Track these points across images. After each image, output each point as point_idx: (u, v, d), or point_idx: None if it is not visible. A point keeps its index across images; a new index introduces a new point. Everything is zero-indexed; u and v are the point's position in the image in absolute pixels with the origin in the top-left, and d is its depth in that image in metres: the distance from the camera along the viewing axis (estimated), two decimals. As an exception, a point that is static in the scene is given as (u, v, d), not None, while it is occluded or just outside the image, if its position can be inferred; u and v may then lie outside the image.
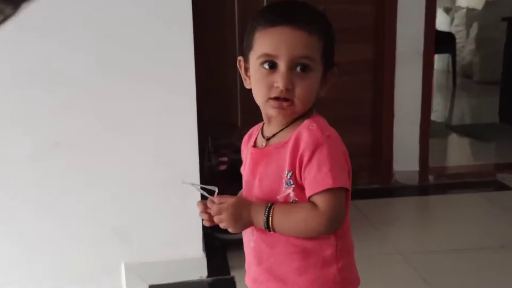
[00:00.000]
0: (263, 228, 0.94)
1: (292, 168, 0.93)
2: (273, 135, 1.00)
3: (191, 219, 2.03)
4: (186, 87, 1.97)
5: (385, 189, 3.12)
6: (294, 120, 0.97)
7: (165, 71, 1.96)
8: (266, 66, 0.93)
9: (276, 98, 0.94)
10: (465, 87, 6.79)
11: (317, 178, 0.90)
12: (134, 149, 1.99)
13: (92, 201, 2.00)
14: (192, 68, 1.96)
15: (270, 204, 0.94)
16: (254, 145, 1.04)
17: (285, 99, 0.93)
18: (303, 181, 0.93)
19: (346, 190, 0.93)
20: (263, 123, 1.04)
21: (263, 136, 1.02)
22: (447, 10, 8.17)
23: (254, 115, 1.02)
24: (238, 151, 2.36)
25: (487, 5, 7.01)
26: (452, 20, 7.81)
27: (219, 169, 2.20)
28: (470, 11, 7.43)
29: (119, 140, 1.98)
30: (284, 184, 0.94)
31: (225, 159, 2.19)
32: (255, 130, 1.07)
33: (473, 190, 3.09)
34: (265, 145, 1.00)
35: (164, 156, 2.00)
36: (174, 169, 2.00)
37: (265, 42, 0.93)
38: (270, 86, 0.93)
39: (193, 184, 1.00)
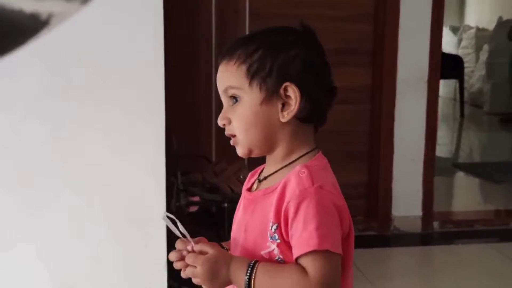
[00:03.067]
0: (247, 286, 0.94)
1: (277, 220, 0.94)
2: (265, 178, 1.03)
3: (155, 271, 2.01)
4: (153, 112, 1.98)
5: (383, 237, 3.14)
6: (291, 161, 1.00)
7: (128, 93, 1.97)
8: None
9: (229, 136, 1.03)
10: (473, 119, 6.94)
11: (302, 237, 0.91)
12: (87, 185, 1.98)
13: (32, 248, 1.97)
14: (162, 90, 1.97)
15: (253, 262, 0.94)
16: (250, 188, 1.06)
17: (232, 136, 1.02)
18: (289, 238, 0.93)
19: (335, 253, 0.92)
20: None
21: (259, 178, 1.05)
22: (455, 30, 8.39)
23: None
24: (211, 189, 2.35)
25: (499, 25, 7.22)
26: (459, 41, 8.01)
27: (188, 210, 2.19)
28: (480, 31, 7.64)
29: (69, 174, 1.96)
30: (269, 238, 0.95)
31: (196, 199, 2.19)
32: (259, 169, 1.09)
33: (483, 240, 3.13)
34: (256, 189, 1.03)
35: (123, 194, 2.00)
36: (135, 210, 1.99)
37: None
38: None
39: (174, 220, 0.99)
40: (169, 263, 2.05)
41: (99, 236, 2.00)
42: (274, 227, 0.94)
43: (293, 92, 0.98)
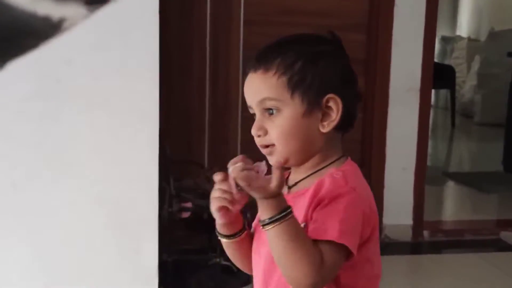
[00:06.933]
0: (262, 221, 0.93)
1: (306, 219, 0.97)
2: (295, 184, 1.05)
3: (146, 277, 2.01)
4: (146, 117, 1.99)
5: (373, 246, 3.15)
6: (320, 167, 1.02)
7: (121, 98, 1.97)
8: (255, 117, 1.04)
9: (263, 146, 1.03)
10: (464, 128, 6.99)
11: (325, 224, 0.93)
12: (79, 190, 1.98)
13: (24, 254, 1.97)
14: (156, 95, 1.98)
15: (290, 210, 0.92)
16: None
17: (266, 146, 1.02)
18: (309, 220, 0.96)
19: (348, 252, 0.94)
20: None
21: (287, 184, 1.05)
22: (446, 40, 8.46)
23: (223, 153, 1.06)
24: (204, 195, 2.36)
25: (491, 36, 7.29)
26: (451, 51, 8.08)
27: (181, 216, 2.20)
28: (472, 42, 7.71)
29: (61, 181, 1.96)
30: None
31: (188, 205, 2.20)
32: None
33: (472, 250, 3.14)
34: (287, 193, 1.03)
35: (116, 199, 2.00)
36: (127, 215, 1.99)
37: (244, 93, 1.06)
38: None
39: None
40: (160, 269, 2.06)
41: (90, 241, 2.00)
42: (303, 225, 0.96)
43: (335, 104, 1.00)
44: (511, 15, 7.53)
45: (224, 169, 1.00)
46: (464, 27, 9.01)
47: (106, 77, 1.95)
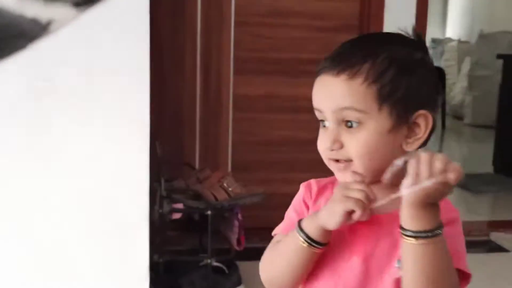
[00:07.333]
0: (421, 232, 0.80)
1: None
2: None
3: (137, 278, 2.01)
4: (137, 118, 1.98)
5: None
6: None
7: (113, 98, 1.96)
8: (321, 122, 0.92)
9: (333, 160, 0.92)
10: (455, 130, 7.02)
11: (458, 252, 0.88)
12: (70, 190, 1.97)
13: (15, 254, 1.96)
14: (147, 96, 1.97)
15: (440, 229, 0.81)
16: None
17: (342, 161, 0.90)
18: None
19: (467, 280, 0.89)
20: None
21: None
22: (437, 42, 8.50)
23: (214, 155, 1.03)
24: (195, 197, 2.35)
25: (480, 38, 7.33)
26: (441, 53, 8.12)
27: (172, 217, 2.20)
28: (462, 44, 7.76)
29: (51, 178, 1.96)
30: (397, 264, 0.88)
31: (179, 206, 2.20)
32: (329, 186, 0.99)
33: (463, 251, 3.16)
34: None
35: (106, 200, 1.99)
36: (118, 216, 1.99)
37: (313, 94, 0.93)
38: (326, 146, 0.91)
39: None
40: (151, 270, 2.06)
41: (81, 241, 1.99)
42: None
43: (425, 121, 0.90)
44: (501, 17, 7.59)
45: (214, 170, 0.99)
46: (454, 29, 9.06)
47: (97, 77, 1.94)
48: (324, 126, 0.91)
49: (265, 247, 1.02)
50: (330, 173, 0.96)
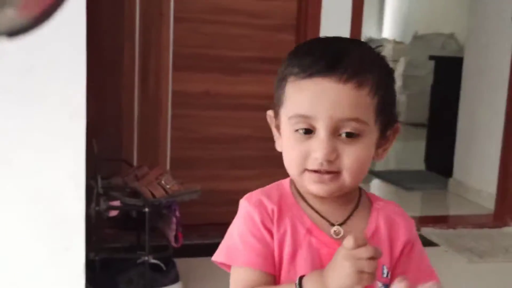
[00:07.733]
0: None
1: (391, 263, 0.88)
2: (345, 221, 0.89)
3: (73, 275, 1.98)
4: (74, 114, 1.96)
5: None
6: (356, 196, 0.91)
7: (48, 94, 1.93)
8: (301, 131, 0.83)
9: (315, 171, 0.83)
10: (390, 128, 7.22)
11: (430, 267, 0.91)
12: (5, 186, 1.93)
13: None
14: (83, 92, 1.95)
15: None
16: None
17: (328, 172, 0.83)
18: (402, 267, 0.88)
19: None
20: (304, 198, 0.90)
21: (328, 221, 0.88)
22: (373, 42, 8.71)
23: (152, 152, 1.03)
24: (132, 194, 2.34)
25: (415, 39, 7.57)
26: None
27: (109, 215, 2.18)
28: (397, 44, 7.98)
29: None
30: (380, 286, 0.87)
31: (116, 203, 2.18)
32: (283, 202, 0.90)
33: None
34: (341, 235, 0.86)
35: (42, 197, 1.96)
36: (54, 213, 1.96)
37: (299, 99, 0.83)
38: (306, 156, 0.83)
39: None
40: (87, 268, 2.03)
41: (17, 239, 1.96)
42: (386, 272, 0.88)
43: (396, 133, 0.89)
44: (435, 19, 7.85)
45: (153, 167, 0.99)
46: (389, 29, 9.29)
47: (34, 74, 1.91)
48: (306, 133, 0.83)
49: (203, 243, 1.01)
50: (266, 168, 0.96)
